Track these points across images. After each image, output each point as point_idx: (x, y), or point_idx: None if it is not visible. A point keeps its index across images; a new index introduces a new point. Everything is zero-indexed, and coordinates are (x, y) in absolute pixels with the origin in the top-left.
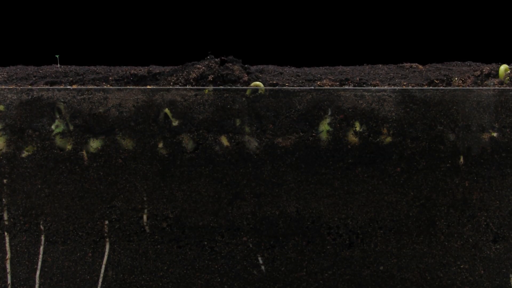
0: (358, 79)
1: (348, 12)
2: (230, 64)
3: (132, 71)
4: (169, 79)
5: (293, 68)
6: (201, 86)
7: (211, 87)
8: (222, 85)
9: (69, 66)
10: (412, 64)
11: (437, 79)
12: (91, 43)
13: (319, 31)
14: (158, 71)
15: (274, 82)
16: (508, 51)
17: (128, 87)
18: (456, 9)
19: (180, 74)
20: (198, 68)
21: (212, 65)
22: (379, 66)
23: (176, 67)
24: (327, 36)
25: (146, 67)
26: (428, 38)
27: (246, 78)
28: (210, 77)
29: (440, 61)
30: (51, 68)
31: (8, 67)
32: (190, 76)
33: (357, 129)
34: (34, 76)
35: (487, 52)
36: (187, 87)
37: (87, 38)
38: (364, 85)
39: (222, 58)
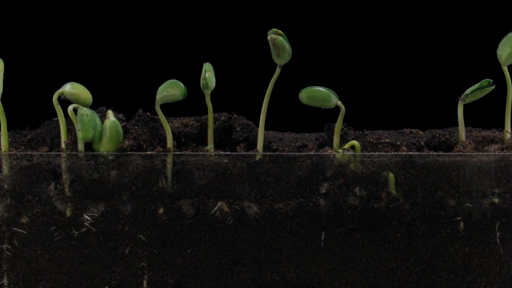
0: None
1: (349, 79)
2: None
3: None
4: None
5: (293, 133)
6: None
7: (212, 150)
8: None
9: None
10: (412, 129)
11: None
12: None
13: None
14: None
15: (274, 147)
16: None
17: (128, 152)
18: (455, 75)
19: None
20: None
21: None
22: (379, 132)
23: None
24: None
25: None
26: (428, 104)
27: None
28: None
29: (440, 127)
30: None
31: (8, 132)
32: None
33: (357, 194)
34: (34, 141)
35: (487, 117)
36: (187, 152)
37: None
38: (365, 150)
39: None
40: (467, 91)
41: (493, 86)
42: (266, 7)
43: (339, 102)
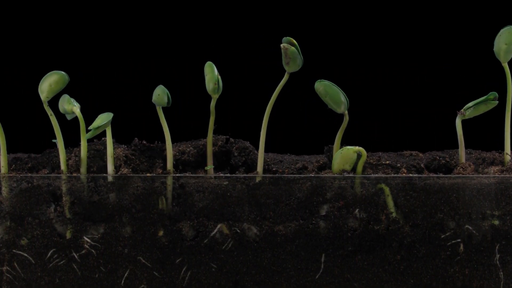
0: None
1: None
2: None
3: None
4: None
5: (293, 156)
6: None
7: (211, 170)
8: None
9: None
10: (412, 151)
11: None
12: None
13: (317, 122)
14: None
15: (274, 169)
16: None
17: (128, 174)
18: (454, 98)
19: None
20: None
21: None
22: (379, 154)
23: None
24: (326, 125)
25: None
26: (428, 126)
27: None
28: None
29: (440, 149)
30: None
31: (7, 155)
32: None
33: (357, 216)
34: (35, 169)
35: (486, 140)
36: (187, 174)
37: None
38: (365, 173)
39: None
40: (470, 104)
41: (497, 102)
42: (266, 8)
43: (346, 112)
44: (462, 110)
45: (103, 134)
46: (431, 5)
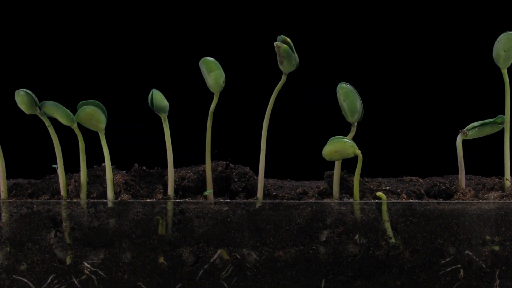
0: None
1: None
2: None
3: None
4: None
5: (293, 181)
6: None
7: (211, 195)
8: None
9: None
10: (412, 177)
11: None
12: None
13: (317, 147)
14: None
15: (274, 194)
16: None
17: (128, 200)
18: (452, 123)
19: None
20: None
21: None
22: (379, 179)
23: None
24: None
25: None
26: (428, 151)
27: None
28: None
29: (440, 175)
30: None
31: (8, 180)
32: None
33: (357, 241)
34: (33, 188)
35: (486, 165)
36: (187, 199)
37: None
38: (365, 198)
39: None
40: (474, 124)
41: (503, 126)
42: (266, 8)
43: (355, 123)
44: (464, 129)
45: (103, 159)
46: (427, 24)
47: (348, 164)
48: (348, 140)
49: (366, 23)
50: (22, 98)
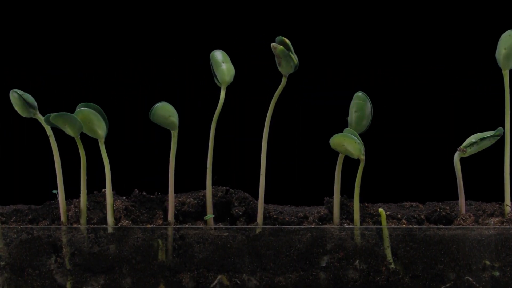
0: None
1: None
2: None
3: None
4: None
5: (293, 207)
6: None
7: (211, 220)
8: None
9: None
10: (412, 203)
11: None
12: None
13: (316, 171)
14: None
15: (274, 216)
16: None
17: (128, 226)
18: (452, 141)
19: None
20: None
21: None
22: (380, 205)
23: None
24: (326, 174)
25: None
26: (428, 176)
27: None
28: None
29: (440, 200)
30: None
31: (8, 206)
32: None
33: (357, 267)
34: (33, 214)
35: (486, 190)
36: (187, 225)
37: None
38: (365, 223)
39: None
40: (472, 140)
41: (499, 136)
42: (266, 10)
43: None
44: (461, 146)
45: (104, 185)
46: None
47: (347, 189)
48: (359, 142)
49: (365, 24)
50: (15, 100)
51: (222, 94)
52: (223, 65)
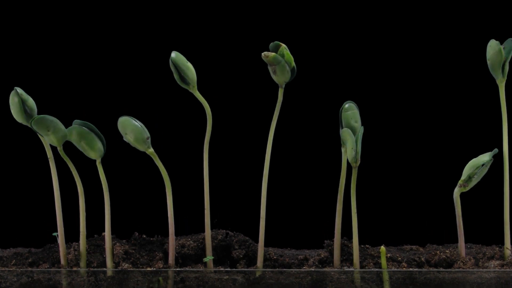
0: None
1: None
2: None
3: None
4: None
5: (293, 250)
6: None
7: (211, 262)
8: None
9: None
10: (412, 246)
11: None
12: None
13: (316, 213)
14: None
15: (275, 258)
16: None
17: (128, 269)
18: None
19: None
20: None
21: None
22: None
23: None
24: (325, 216)
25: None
26: (428, 220)
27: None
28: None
29: (440, 243)
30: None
31: (8, 249)
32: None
33: None
34: (34, 257)
35: (487, 233)
36: (187, 268)
37: None
38: (365, 263)
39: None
40: (470, 173)
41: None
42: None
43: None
44: (461, 181)
45: (103, 229)
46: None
47: (347, 231)
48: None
49: (365, 27)
50: (13, 101)
51: (198, 95)
52: (188, 63)
